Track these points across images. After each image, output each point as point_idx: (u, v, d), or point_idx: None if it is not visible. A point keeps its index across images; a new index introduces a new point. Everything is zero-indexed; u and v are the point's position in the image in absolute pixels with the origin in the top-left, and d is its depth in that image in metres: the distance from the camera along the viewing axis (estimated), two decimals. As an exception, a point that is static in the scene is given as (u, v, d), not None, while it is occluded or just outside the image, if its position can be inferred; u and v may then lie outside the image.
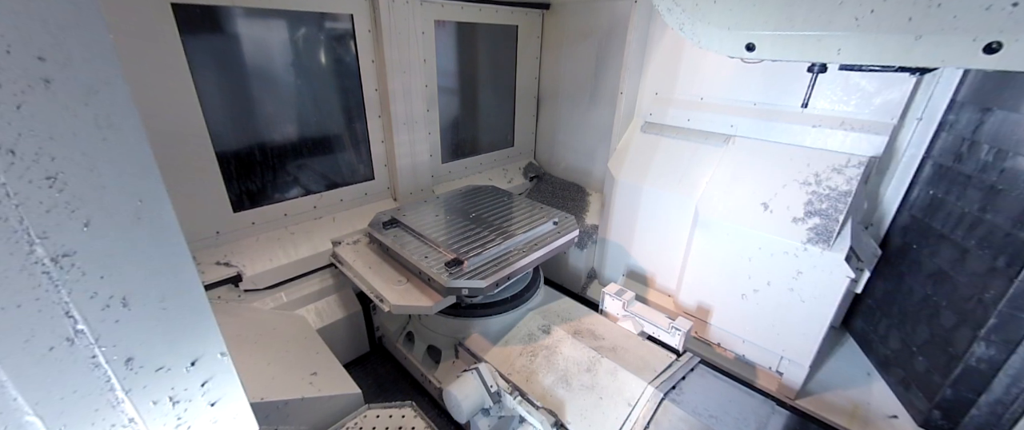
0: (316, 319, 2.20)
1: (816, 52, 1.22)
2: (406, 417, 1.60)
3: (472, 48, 2.88)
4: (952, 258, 1.89)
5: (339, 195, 2.40)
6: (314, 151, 2.27)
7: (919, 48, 1.09)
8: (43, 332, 0.63)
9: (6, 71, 0.55)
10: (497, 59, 3.03)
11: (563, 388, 1.69)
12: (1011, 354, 1.63)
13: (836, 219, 1.88)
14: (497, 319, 2.01)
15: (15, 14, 0.55)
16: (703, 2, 1.33)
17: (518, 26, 2.98)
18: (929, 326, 1.97)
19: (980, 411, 1.76)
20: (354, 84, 2.29)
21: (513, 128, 3.33)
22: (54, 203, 0.62)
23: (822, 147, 2.03)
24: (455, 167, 3.03)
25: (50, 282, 0.63)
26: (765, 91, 2.21)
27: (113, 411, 0.72)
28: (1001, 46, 0.99)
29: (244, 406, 0.91)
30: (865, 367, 2.31)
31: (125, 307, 0.70)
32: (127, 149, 0.67)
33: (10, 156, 0.57)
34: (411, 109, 2.46)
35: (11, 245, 0.59)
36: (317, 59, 2.14)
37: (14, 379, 0.62)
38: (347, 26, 2.16)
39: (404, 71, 2.36)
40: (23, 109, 0.57)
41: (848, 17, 1.14)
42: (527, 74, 3.21)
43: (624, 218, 2.75)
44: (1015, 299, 1.59)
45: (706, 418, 1.49)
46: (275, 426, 1.44)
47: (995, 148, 1.75)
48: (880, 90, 1.91)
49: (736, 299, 2.23)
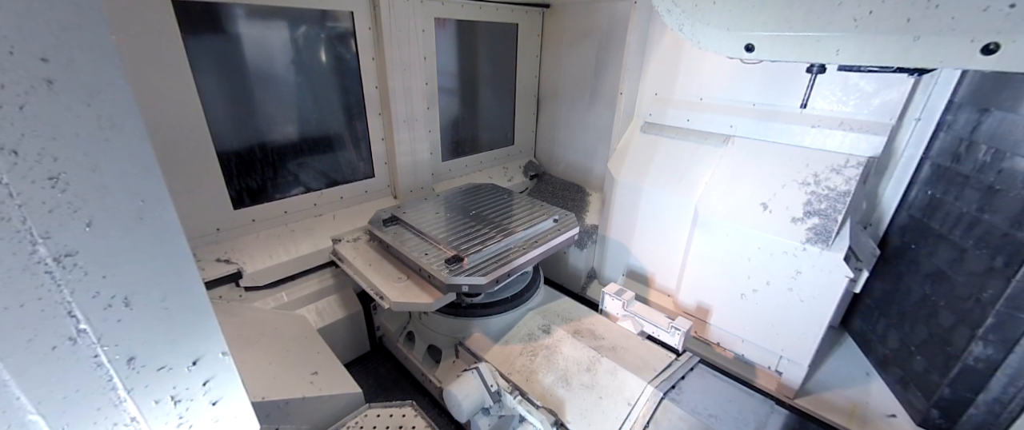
0: (317, 319, 2.20)
1: (815, 53, 1.23)
2: (406, 416, 1.61)
3: (472, 46, 2.88)
4: (950, 258, 1.90)
5: (339, 193, 2.40)
6: (314, 149, 2.27)
7: (917, 49, 1.09)
8: (46, 332, 0.64)
9: (9, 72, 0.56)
10: (497, 58, 3.04)
11: (563, 387, 1.70)
12: (1009, 353, 1.64)
13: (835, 219, 1.88)
14: (497, 319, 2.02)
15: (18, 15, 0.55)
16: (702, 3, 1.34)
17: (518, 25, 2.98)
18: (927, 326, 1.98)
19: (978, 410, 1.77)
20: (354, 82, 2.29)
21: (513, 127, 3.33)
22: (57, 203, 0.62)
23: (821, 147, 2.04)
24: (455, 165, 3.03)
25: (53, 282, 0.63)
26: (764, 92, 2.21)
27: (115, 410, 0.73)
28: (999, 47, 0.99)
29: (245, 405, 0.92)
30: (864, 366, 2.31)
31: (127, 307, 0.71)
32: (129, 149, 0.67)
33: (13, 156, 0.58)
34: (411, 107, 2.46)
35: (14, 245, 0.59)
36: (317, 57, 2.14)
37: (17, 378, 0.62)
38: (347, 24, 2.16)
39: (404, 69, 2.36)
40: (26, 110, 0.58)
41: (846, 18, 1.15)
42: (527, 73, 3.21)
43: (624, 218, 2.76)
44: (1013, 299, 1.60)
45: (705, 417, 1.49)
46: (276, 425, 1.44)
47: (993, 148, 1.76)
48: (878, 91, 1.92)
49: (735, 299, 2.23)
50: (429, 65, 2.56)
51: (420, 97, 2.49)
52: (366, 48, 2.24)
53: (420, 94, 2.48)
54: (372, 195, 2.55)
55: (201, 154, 1.85)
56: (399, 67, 2.33)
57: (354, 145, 2.44)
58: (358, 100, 2.33)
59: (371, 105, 2.37)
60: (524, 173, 3.41)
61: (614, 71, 2.74)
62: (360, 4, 2.14)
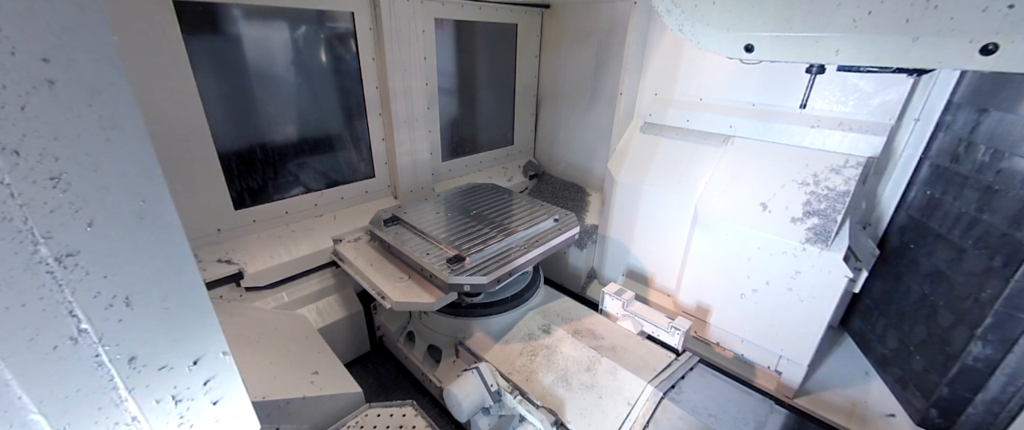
0: (317, 318, 2.20)
1: (814, 53, 1.23)
2: (407, 416, 1.61)
3: (472, 47, 2.88)
4: (949, 258, 1.90)
5: (340, 193, 2.40)
6: (315, 149, 2.27)
7: (916, 49, 1.09)
8: (47, 331, 0.64)
9: (11, 73, 0.56)
10: (497, 58, 3.04)
11: (563, 387, 1.70)
12: (1007, 353, 1.64)
13: (834, 219, 1.89)
14: (497, 318, 2.02)
15: (19, 16, 0.55)
16: (702, 3, 1.34)
17: (517, 25, 2.98)
18: (926, 325, 1.98)
19: (976, 410, 1.77)
20: (355, 82, 2.29)
21: (513, 127, 3.33)
22: (58, 203, 0.62)
23: (820, 148, 2.04)
24: (455, 165, 3.03)
25: (54, 282, 0.63)
26: (764, 92, 2.21)
27: (116, 410, 0.73)
28: (997, 47, 1.00)
29: (246, 405, 0.92)
30: (863, 366, 2.32)
31: (128, 306, 0.71)
32: (130, 149, 0.67)
33: (15, 157, 0.58)
34: (411, 107, 2.47)
35: (15, 245, 0.60)
36: (318, 57, 2.14)
37: (19, 378, 0.62)
38: (348, 24, 2.16)
39: (404, 69, 2.37)
40: (27, 110, 0.58)
41: (846, 18, 1.15)
42: (527, 73, 3.22)
43: (624, 218, 2.76)
44: (1011, 298, 1.60)
45: (705, 417, 1.50)
46: (277, 425, 1.44)
47: (992, 149, 1.76)
48: (878, 91, 1.92)
49: (735, 299, 2.24)
50: (429, 65, 2.57)
51: (420, 97, 2.49)
52: (366, 48, 2.25)
53: (420, 94, 2.49)
54: (372, 195, 2.55)
55: (202, 155, 1.85)
56: (399, 67, 2.34)
57: (354, 145, 2.44)
58: (358, 100, 2.34)
59: (371, 105, 2.38)
60: (524, 173, 3.41)
61: (614, 71, 2.75)
62: (360, 4, 2.14)
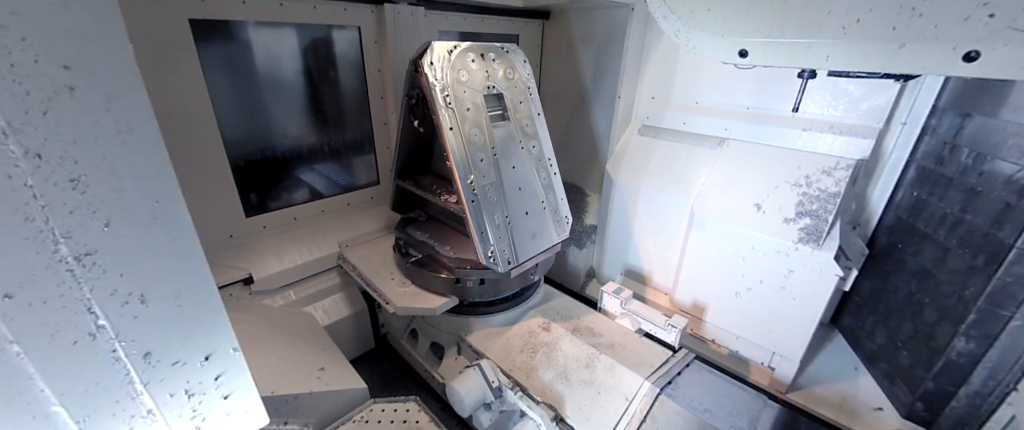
0: (323, 316, 2.22)
1: (806, 58, 1.27)
2: (410, 411, 1.63)
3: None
4: (935, 257, 1.95)
5: (346, 199, 2.43)
6: (322, 157, 2.30)
7: (903, 56, 1.14)
8: (67, 327, 0.66)
9: (34, 79, 0.58)
10: (498, 65, 3.06)
11: (563, 384, 1.73)
12: (989, 348, 1.70)
13: (826, 219, 1.93)
14: (498, 317, 2.05)
15: (43, 26, 0.57)
16: (697, 10, 1.37)
17: (519, 35, 3.00)
18: (913, 322, 2.04)
19: (960, 403, 1.83)
20: (361, 93, 2.32)
21: (512, 129, 3.35)
22: (77, 204, 0.64)
23: (812, 150, 2.09)
24: (455, 169, 3.05)
25: (73, 280, 0.65)
26: (758, 96, 2.26)
27: (132, 403, 0.75)
28: (979, 55, 1.04)
29: (255, 399, 0.94)
30: (852, 362, 2.37)
31: (143, 304, 0.73)
32: (144, 153, 0.69)
33: (37, 160, 0.60)
34: (414, 114, 2.49)
35: (37, 244, 0.62)
36: (325, 70, 2.18)
37: (41, 371, 0.64)
38: (354, 37, 2.20)
39: (409, 79, 2.39)
40: (49, 115, 0.60)
41: (835, 26, 1.19)
42: (528, 79, 3.24)
43: (622, 218, 2.80)
44: (993, 296, 1.66)
45: (701, 412, 1.53)
46: (285, 419, 1.46)
47: (974, 152, 1.81)
48: (867, 95, 1.97)
49: (730, 297, 2.28)
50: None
51: (423, 104, 2.51)
52: (372, 60, 2.28)
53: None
54: (378, 201, 2.58)
55: (215, 164, 1.88)
56: (404, 78, 2.36)
57: (360, 153, 2.47)
58: (364, 110, 2.37)
59: (376, 115, 2.41)
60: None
61: (612, 76, 2.77)
62: (366, 18, 2.18)
